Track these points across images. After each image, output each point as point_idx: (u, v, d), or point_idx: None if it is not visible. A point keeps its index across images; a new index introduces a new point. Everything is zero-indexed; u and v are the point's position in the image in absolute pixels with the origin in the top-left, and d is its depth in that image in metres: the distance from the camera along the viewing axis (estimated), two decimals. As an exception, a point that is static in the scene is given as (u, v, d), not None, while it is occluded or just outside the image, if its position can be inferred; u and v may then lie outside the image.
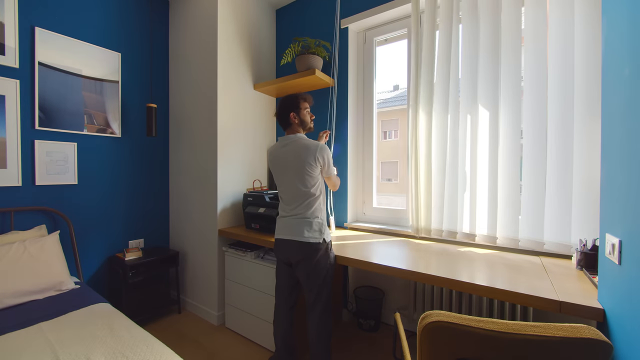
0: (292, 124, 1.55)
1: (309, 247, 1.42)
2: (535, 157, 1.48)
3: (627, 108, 0.80)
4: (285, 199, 1.54)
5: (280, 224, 1.54)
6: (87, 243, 2.08)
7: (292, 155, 1.48)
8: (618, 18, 0.87)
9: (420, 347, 0.74)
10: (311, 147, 1.45)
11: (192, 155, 2.33)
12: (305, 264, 1.44)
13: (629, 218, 0.78)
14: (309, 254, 1.42)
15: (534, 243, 1.48)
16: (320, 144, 1.48)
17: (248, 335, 1.97)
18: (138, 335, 1.23)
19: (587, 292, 1.04)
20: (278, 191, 1.60)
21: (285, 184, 1.52)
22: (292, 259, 1.48)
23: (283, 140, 1.56)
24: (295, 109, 1.54)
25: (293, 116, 1.54)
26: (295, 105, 1.54)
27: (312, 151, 1.44)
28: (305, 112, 1.57)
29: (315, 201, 1.48)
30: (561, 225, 1.41)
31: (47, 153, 1.88)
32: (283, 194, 1.55)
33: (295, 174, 1.46)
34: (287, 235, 1.47)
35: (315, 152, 1.44)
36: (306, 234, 1.43)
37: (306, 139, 1.52)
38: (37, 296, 1.51)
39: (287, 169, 1.50)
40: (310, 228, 1.44)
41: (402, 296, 2.04)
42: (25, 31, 1.79)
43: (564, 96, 1.39)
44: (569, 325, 0.65)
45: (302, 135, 1.55)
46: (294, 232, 1.45)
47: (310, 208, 1.46)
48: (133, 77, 2.30)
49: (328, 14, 2.28)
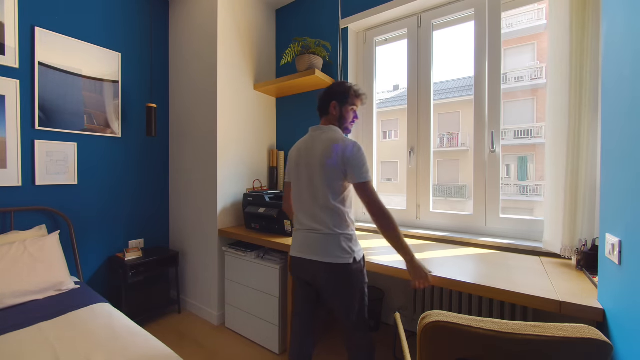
0: (330, 114, 1.30)
1: (338, 269, 1.16)
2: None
3: (627, 108, 0.80)
4: (304, 207, 1.25)
5: (300, 238, 1.26)
6: (87, 243, 2.08)
7: (321, 150, 1.20)
8: (618, 17, 0.87)
9: (420, 347, 0.74)
10: (349, 143, 1.19)
11: (192, 155, 2.33)
12: (335, 290, 1.19)
13: (629, 218, 0.78)
14: (339, 277, 1.17)
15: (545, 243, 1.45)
16: (355, 143, 1.19)
17: (248, 335, 1.97)
18: (138, 335, 1.23)
19: (587, 292, 1.04)
20: (294, 196, 1.31)
21: (307, 186, 1.24)
22: (317, 282, 1.23)
23: (314, 130, 1.30)
24: (341, 100, 1.29)
25: (334, 106, 1.29)
26: (343, 95, 1.29)
27: (343, 150, 1.18)
28: (350, 110, 1.31)
29: (346, 210, 1.22)
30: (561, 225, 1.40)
31: (47, 153, 1.88)
32: (301, 200, 1.26)
33: (323, 175, 1.19)
34: (307, 254, 1.21)
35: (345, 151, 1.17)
36: (334, 253, 1.16)
37: (341, 134, 1.27)
38: (37, 296, 1.51)
39: (311, 167, 1.22)
40: (338, 245, 1.17)
41: (402, 296, 2.04)
42: (25, 31, 1.79)
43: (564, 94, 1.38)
44: (569, 325, 0.65)
45: (338, 129, 1.29)
46: (318, 251, 1.18)
47: (339, 219, 1.20)
48: (133, 77, 2.30)
49: (328, 14, 2.28)
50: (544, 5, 5.95)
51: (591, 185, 1.29)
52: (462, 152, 7.80)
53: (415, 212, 2.00)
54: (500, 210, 1.71)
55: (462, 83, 8.10)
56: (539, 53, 7.30)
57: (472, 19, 1.79)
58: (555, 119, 1.35)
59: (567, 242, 1.32)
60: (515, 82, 7.34)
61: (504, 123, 1.73)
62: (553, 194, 1.37)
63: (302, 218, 1.26)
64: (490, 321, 0.68)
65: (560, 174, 1.33)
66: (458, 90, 8.14)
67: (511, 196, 7.22)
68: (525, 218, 1.65)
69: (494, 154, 1.72)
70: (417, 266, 1.14)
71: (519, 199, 7.11)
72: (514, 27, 7.47)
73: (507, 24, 7.36)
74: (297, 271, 1.30)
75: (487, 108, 1.74)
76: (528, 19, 7.40)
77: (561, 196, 1.32)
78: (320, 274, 1.19)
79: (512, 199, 7.15)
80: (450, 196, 7.81)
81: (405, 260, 1.15)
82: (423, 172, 1.98)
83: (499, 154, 1.71)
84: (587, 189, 1.29)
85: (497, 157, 1.72)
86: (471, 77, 1.80)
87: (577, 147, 1.31)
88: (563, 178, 1.31)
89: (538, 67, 7.16)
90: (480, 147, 1.76)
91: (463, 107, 7.95)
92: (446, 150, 8.04)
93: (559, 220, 1.34)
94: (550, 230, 1.41)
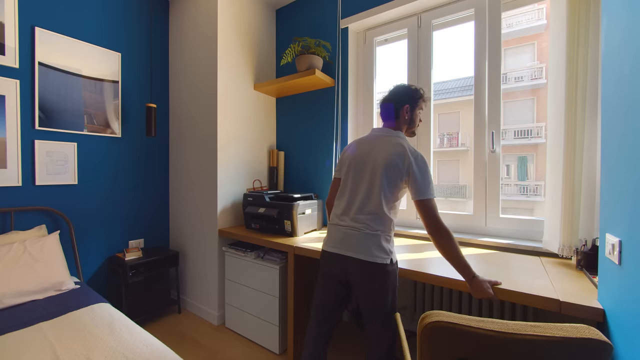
0: (400, 117, 1.29)
1: (375, 269, 1.15)
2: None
3: (627, 107, 0.80)
4: (350, 208, 1.24)
5: (337, 234, 1.24)
6: (87, 243, 2.08)
7: (386, 155, 1.19)
8: (617, 14, 0.87)
9: (420, 347, 0.74)
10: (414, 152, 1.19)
11: (192, 155, 2.33)
12: (369, 288, 1.17)
13: (629, 218, 0.78)
14: (374, 276, 1.16)
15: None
16: (422, 156, 1.19)
17: (248, 335, 1.97)
18: (138, 335, 1.23)
19: (587, 292, 1.04)
20: (340, 193, 1.31)
21: (359, 188, 1.23)
22: (351, 279, 1.21)
23: (380, 131, 1.29)
24: (413, 104, 1.29)
25: (406, 110, 1.28)
26: (415, 99, 1.29)
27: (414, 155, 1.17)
28: (419, 113, 1.33)
29: (393, 219, 1.22)
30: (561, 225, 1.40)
31: (47, 153, 1.88)
32: (349, 200, 1.25)
33: (385, 177, 1.18)
34: (345, 250, 1.19)
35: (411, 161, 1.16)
36: (373, 252, 1.15)
37: (407, 142, 1.25)
38: (37, 296, 1.51)
39: (369, 171, 1.21)
40: (378, 244, 1.16)
41: (402, 296, 2.04)
42: (25, 31, 1.79)
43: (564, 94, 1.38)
44: (569, 325, 0.65)
45: (404, 135, 1.30)
46: (357, 249, 1.17)
47: (382, 220, 1.19)
48: (133, 77, 2.30)
49: (328, 14, 2.28)
50: (544, 5, 5.95)
51: (591, 184, 1.29)
52: (462, 152, 7.81)
53: (415, 213, 2.00)
54: (500, 210, 1.71)
55: (462, 83, 8.10)
56: (539, 53, 7.30)
57: (472, 19, 1.79)
58: (557, 119, 1.34)
59: (566, 242, 1.32)
60: (515, 82, 7.34)
61: (504, 123, 1.73)
62: (554, 193, 1.37)
63: (344, 216, 1.24)
64: (490, 321, 0.68)
65: (560, 173, 1.32)
66: (458, 90, 8.14)
67: (511, 196, 7.22)
68: (525, 218, 1.65)
69: (494, 154, 1.73)
70: (478, 285, 1.08)
71: (519, 199, 7.11)
72: (514, 27, 7.47)
73: (507, 24, 7.36)
74: (329, 267, 1.26)
75: (487, 108, 1.74)
76: (528, 19, 7.41)
77: (562, 196, 1.32)
78: (356, 272, 1.17)
79: (512, 199, 7.15)
80: (451, 196, 7.81)
81: (466, 280, 1.11)
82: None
83: (499, 154, 1.71)
84: (587, 188, 1.29)
85: (497, 157, 1.72)
86: (471, 77, 1.80)
87: (578, 147, 1.31)
88: (563, 177, 1.31)
89: (538, 67, 7.16)
90: (480, 147, 1.76)
91: (463, 107, 7.95)
92: (446, 150, 8.04)
93: (558, 219, 1.34)
94: (550, 230, 1.41)
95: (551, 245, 1.41)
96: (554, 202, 1.37)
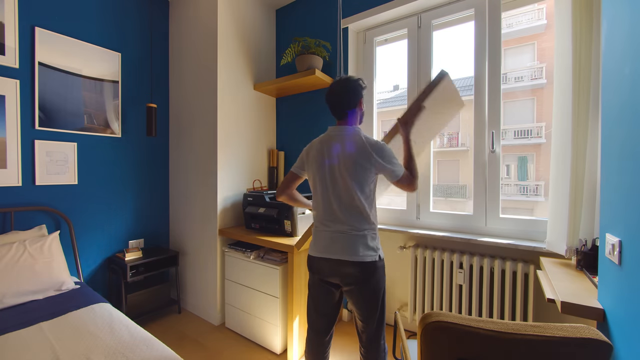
0: (356, 113, 1.29)
1: (365, 267, 1.17)
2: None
3: (628, 107, 0.80)
4: (331, 207, 1.22)
5: (323, 239, 1.24)
6: (87, 243, 2.08)
7: (352, 150, 1.19)
8: (619, 14, 0.87)
9: (420, 347, 0.74)
10: (374, 144, 1.20)
11: (192, 155, 2.33)
12: (360, 288, 1.19)
13: (629, 218, 0.78)
14: (365, 275, 1.17)
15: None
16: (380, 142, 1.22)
17: (248, 335, 1.97)
18: (138, 335, 1.23)
19: (587, 292, 1.04)
20: (315, 196, 1.29)
21: (332, 187, 1.22)
22: (343, 282, 1.21)
23: (336, 131, 1.26)
24: (361, 97, 1.28)
25: (361, 104, 1.28)
26: (362, 93, 1.28)
27: (374, 148, 1.19)
28: (363, 102, 1.33)
29: (372, 210, 1.24)
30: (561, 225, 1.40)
31: (47, 153, 1.88)
32: (327, 201, 1.24)
33: (352, 176, 1.18)
34: (334, 254, 1.19)
35: (376, 150, 1.19)
36: (361, 252, 1.16)
37: (364, 133, 1.26)
38: (37, 296, 1.51)
39: (339, 168, 1.21)
40: (365, 244, 1.18)
41: (402, 296, 2.04)
42: (25, 31, 1.79)
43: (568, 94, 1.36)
44: (569, 325, 0.65)
45: (360, 128, 1.29)
46: (346, 251, 1.17)
47: (365, 219, 1.20)
48: (133, 77, 2.30)
49: (328, 14, 2.28)
50: (544, 5, 5.94)
51: (591, 184, 1.29)
52: (462, 152, 7.78)
53: (415, 212, 2.00)
54: (500, 210, 1.71)
55: (462, 83, 8.05)
56: (539, 53, 7.29)
57: (472, 19, 1.79)
58: (563, 119, 1.34)
59: (571, 243, 1.31)
60: (515, 82, 7.32)
61: (504, 123, 1.72)
62: (558, 194, 1.36)
63: (325, 219, 1.25)
64: (490, 321, 0.68)
65: (567, 174, 1.31)
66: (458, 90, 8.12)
67: (511, 196, 7.21)
68: (526, 218, 1.65)
69: (494, 154, 1.72)
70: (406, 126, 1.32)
71: (519, 199, 7.10)
72: (514, 27, 7.45)
73: (507, 24, 7.34)
74: (320, 272, 1.26)
75: (487, 108, 1.74)
76: (528, 19, 7.39)
77: (569, 197, 1.30)
78: (348, 274, 1.19)
79: (512, 199, 7.14)
80: (450, 196, 7.79)
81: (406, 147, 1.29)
82: (423, 172, 1.98)
83: (499, 154, 1.71)
84: (588, 189, 1.29)
85: (497, 157, 1.72)
86: (471, 77, 1.80)
87: (581, 147, 1.30)
88: (570, 178, 1.29)
89: (538, 67, 7.15)
90: (480, 147, 1.76)
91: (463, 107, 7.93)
92: (446, 150, 8.02)
93: (563, 220, 1.32)
94: (554, 231, 1.40)
95: (556, 246, 1.39)
96: (559, 203, 1.36)
